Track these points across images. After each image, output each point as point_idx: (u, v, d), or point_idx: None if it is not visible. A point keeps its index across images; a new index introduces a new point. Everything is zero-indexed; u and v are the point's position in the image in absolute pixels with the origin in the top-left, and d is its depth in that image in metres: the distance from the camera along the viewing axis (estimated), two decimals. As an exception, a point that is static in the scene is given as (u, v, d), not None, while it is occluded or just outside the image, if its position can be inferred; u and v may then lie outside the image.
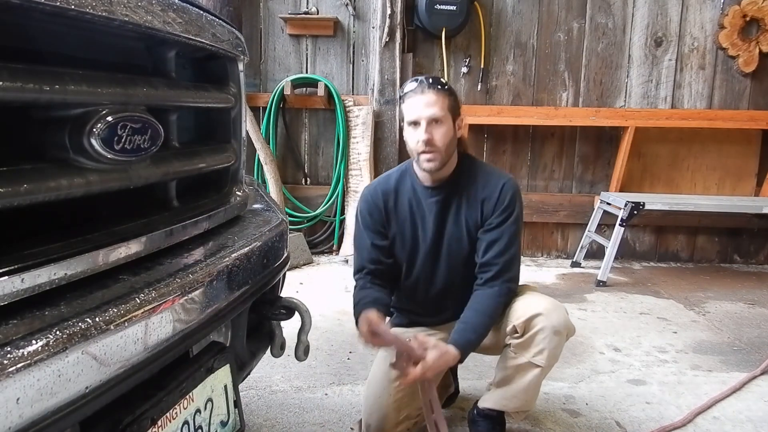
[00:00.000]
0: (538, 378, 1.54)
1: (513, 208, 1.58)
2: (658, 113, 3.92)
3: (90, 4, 0.69)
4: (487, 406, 1.62)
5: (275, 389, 2.01)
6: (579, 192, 4.08)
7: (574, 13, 3.90)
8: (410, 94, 1.53)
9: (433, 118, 1.50)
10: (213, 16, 1.04)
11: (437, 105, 1.50)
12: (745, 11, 3.78)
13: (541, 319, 1.49)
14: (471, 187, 1.59)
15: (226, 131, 1.16)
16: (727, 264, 4.13)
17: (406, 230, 1.63)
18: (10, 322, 0.59)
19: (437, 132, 1.50)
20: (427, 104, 1.50)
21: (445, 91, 1.53)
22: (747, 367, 2.30)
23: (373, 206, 1.64)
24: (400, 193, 1.64)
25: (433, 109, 1.49)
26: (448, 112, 1.52)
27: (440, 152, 1.51)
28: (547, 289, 3.36)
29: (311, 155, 4.07)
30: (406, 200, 1.63)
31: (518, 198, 1.60)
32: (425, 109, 1.49)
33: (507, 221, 1.57)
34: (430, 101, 1.50)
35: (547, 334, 1.49)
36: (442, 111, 1.50)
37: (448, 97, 1.53)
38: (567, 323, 1.53)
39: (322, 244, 4.06)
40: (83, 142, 0.71)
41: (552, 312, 1.51)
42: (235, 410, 1.01)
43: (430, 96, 1.50)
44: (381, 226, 1.64)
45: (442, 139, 1.51)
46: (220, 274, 0.90)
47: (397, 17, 3.71)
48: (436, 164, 1.53)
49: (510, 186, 1.59)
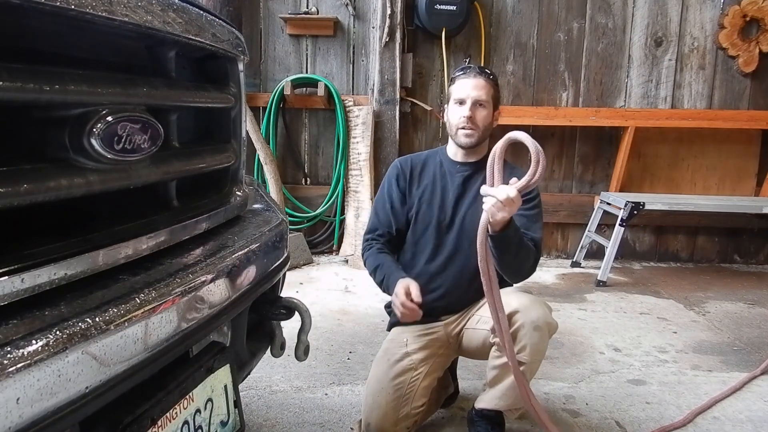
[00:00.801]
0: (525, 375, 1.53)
1: (536, 196, 1.68)
2: (658, 113, 3.92)
3: (90, 4, 0.69)
4: (482, 407, 1.63)
5: (275, 389, 2.01)
6: (579, 192, 4.08)
7: (574, 13, 3.90)
8: (462, 76, 1.68)
9: (478, 100, 1.64)
10: (213, 16, 1.04)
11: (484, 89, 1.65)
12: (745, 11, 3.78)
13: (519, 316, 1.50)
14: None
15: (226, 131, 1.16)
16: (727, 264, 4.13)
17: (425, 195, 1.73)
18: (10, 322, 0.59)
19: (479, 113, 1.65)
20: (475, 86, 1.65)
21: (492, 81, 1.68)
22: (747, 367, 2.30)
23: (400, 171, 1.76)
24: (427, 165, 1.77)
25: (479, 92, 1.65)
26: (491, 99, 1.67)
27: (478, 130, 1.66)
28: (547, 289, 3.37)
29: (311, 155, 4.07)
30: (431, 171, 1.76)
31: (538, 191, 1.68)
32: (473, 91, 1.65)
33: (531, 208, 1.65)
34: (478, 85, 1.65)
35: (527, 330, 1.50)
36: (487, 96, 1.66)
37: (493, 87, 1.68)
38: (546, 318, 1.53)
39: (322, 244, 4.06)
40: (83, 142, 0.71)
41: (530, 308, 1.52)
42: (235, 410, 1.01)
43: (479, 81, 1.66)
44: (403, 192, 1.74)
45: (482, 120, 1.66)
46: (220, 274, 0.90)
47: (397, 17, 3.71)
48: (473, 140, 1.66)
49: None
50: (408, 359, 1.64)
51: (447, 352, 1.73)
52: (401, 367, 1.63)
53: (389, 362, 1.65)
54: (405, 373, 1.62)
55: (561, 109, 3.92)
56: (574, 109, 3.93)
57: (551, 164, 4.06)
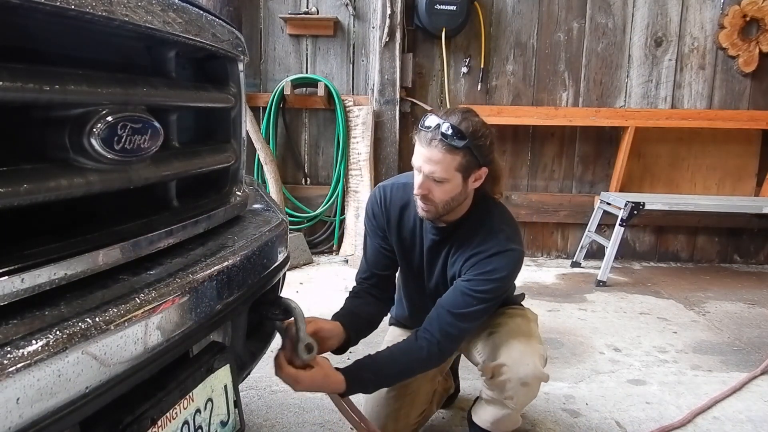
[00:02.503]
0: (513, 415, 1.47)
1: (492, 281, 1.35)
2: (658, 113, 3.92)
3: (90, 4, 0.69)
4: (477, 423, 1.55)
5: (275, 389, 2.01)
6: (579, 192, 4.08)
7: (574, 13, 3.90)
8: (420, 135, 1.33)
9: (431, 177, 1.31)
10: (213, 16, 1.04)
11: (441, 165, 1.29)
12: (745, 11, 3.78)
13: (506, 370, 1.40)
14: (467, 240, 1.42)
15: (226, 131, 1.16)
16: (727, 264, 4.13)
17: (405, 249, 1.54)
18: (10, 322, 0.59)
19: (436, 190, 1.33)
20: (429, 160, 1.30)
21: (457, 149, 1.28)
22: (747, 367, 2.30)
23: (383, 215, 1.53)
24: (410, 210, 1.50)
25: (434, 167, 1.30)
26: (456, 172, 1.31)
27: (436, 207, 1.36)
28: (547, 288, 3.37)
29: (311, 155, 4.07)
30: (412, 220, 1.50)
31: (506, 274, 1.37)
32: (425, 164, 1.31)
33: (478, 292, 1.35)
34: (433, 158, 1.29)
35: (514, 385, 1.40)
36: (445, 173, 1.30)
37: (460, 157, 1.29)
38: (536, 373, 1.40)
39: (322, 244, 4.06)
40: (83, 142, 0.71)
41: (519, 363, 1.39)
42: (235, 410, 1.01)
43: (434, 153, 1.29)
44: (384, 233, 1.56)
45: (441, 196, 1.34)
46: (220, 274, 0.90)
47: (397, 17, 3.71)
48: (430, 216, 1.39)
49: (503, 257, 1.36)
50: None
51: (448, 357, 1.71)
52: None
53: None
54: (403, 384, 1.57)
55: (561, 109, 3.92)
56: (574, 109, 3.93)
57: (551, 164, 4.06)
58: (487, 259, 1.36)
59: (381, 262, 1.57)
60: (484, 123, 1.35)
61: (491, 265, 1.35)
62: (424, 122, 1.32)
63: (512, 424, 1.51)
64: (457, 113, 1.32)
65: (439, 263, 1.49)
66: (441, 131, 1.28)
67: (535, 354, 1.43)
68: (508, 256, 1.36)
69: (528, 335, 1.48)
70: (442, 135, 1.28)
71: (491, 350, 1.46)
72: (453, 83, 3.94)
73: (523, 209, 4.02)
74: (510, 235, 1.41)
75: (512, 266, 1.38)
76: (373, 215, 1.56)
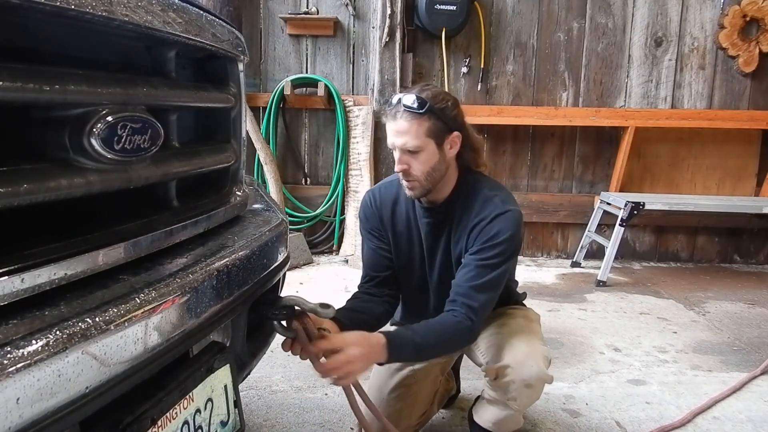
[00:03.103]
0: (516, 415, 1.47)
1: (499, 244, 1.37)
2: (658, 113, 3.92)
3: (90, 4, 0.69)
4: (478, 423, 1.55)
5: (275, 389, 2.01)
6: (579, 192, 4.08)
7: (574, 13, 3.90)
8: (387, 114, 1.38)
9: (404, 148, 1.35)
10: (213, 16, 1.04)
11: (410, 133, 1.32)
12: (745, 11, 3.78)
13: (510, 372, 1.39)
14: (465, 213, 1.43)
15: (226, 131, 1.16)
16: (727, 264, 4.13)
17: (401, 244, 1.53)
18: (10, 322, 0.59)
19: (414, 161, 1.35)
20: (397, 132, 1.34)
21: (422, 114, 1.32)
22: (747, 367, 2.30)
23: (375, 215, 1.55)
24: (400, 204, 1.52)
25: (404, 138, 1.33)
26: (428, 138, 1.34)
27: (419, 181, 1.37)
28: (547, 288, 3.37)
29: (311, 155, 4.07)
30: (405, 213, 1.52)
31: (511, 234, 1.38)
32: (396, 138, 1.35)
33: (489, 258, 1.37)
34: (401, 129, 1.33)
35: (518, 386, 1.39)
36: (416, 139, 1.33)
37: (426, 121, 1.33)
38: (540, 375, 1.39)
39: (322, 244, 4.06)
40: (83, 142, 0.71)
41: (523, 365, 1.38)
42: (235, 410, 1.01)
43: (401, 124, 1.33)
44: (381, 237, 1.55)
45: (420, 167, 1.35)
46: (220, 274, 0.90)
47: (397, 17, 3.71)
48: (417, 192, 1.40)
49: (504, 219, 1.38)
50: (409, 369, 1.58)
51: (450, 358, 1.70)
52: (401, 377, 1.58)
53: (389, 371, 1.58)
54: (405, 385, 1.57)
55: (561, 109, 3.92)
56: (574, 109, 3.93)
57: (551, 164, 4.07)
58: (489, 225, 1.38)
59: (380, 263, 1.56)
60: (444, 91, 1.41)
61: (495, 229, 1.37)
62: (387, 102, 1.39)
63: (514, 424, 1.51)
64: (417, 87, 1.39)
65: (440, 248, 1.48)
66: (402, 103, 1.33)
67: (538, 355, 1.42)
68: (508, 217, 1.39)
69: (531, 336, 1.48)
70: (404, 106, 1.33)
71: (495, 351, 1.45)
72: (453, 83, 3.94)
73: (523, 209, 3.92)
74: (504, 198, 1.43)
75: (515, 225, 1.39)
76: (366, 218, 1.57)
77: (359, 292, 1.56)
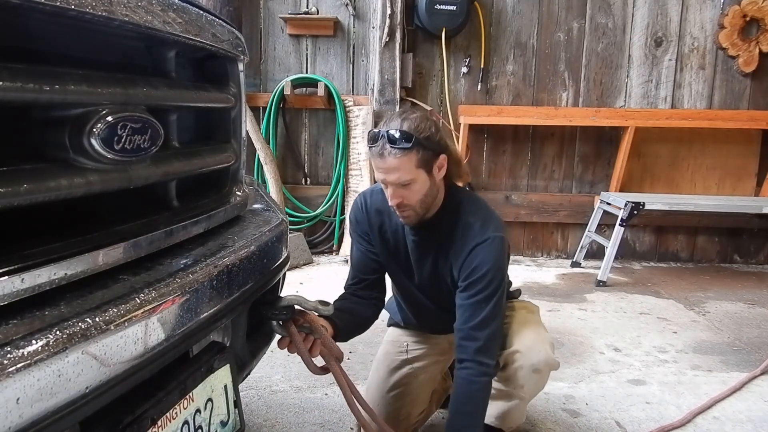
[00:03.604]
0: (521, 405, 1.49)
1: (483, 276, 1.36)
2: (658, 113, 3.91)
3: (90, 4, 0.69)
4: None
5: (275, 389, 2.01)
6: (579, 192, 4.08)
7: (574, 13, 3.90)
8: (372, 152, 1.35)
9: (397, 183, 1.33)
10: (213, 16, 1.04)
11: (401, 170, 1.31)
12: (745, 11, 3.78)
13: (519, 357, 1.42)
14: (449, 235, 1.43)
15: (226, 131, 1.16)
16: (727, 264, 4.13)
17: (389, 252, 1.54)
18: (10, 322, 0.59)
19: (407, 193, 1.35)
20: (387, 170, 1.33)
21: (409, 149, 1.30)
22: (747, 367, 2.30)
23: (365, 221, 1.55)
24: (389, 213, 1.50)
25: (395, 174, 1.32)
26: (418, 169, 1.33)
27: (414, 209, 1.38)
28: (547, 288, 3.37)
29: (311, 155, 4.07)
30: (394, 224, 1.51)
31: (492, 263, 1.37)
32: (387, 175, 1.33)
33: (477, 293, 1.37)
34: (391, 167, 1.32)
35: (526, 372, 1.42)
36: (408, 174, 1.32)
37: (415, 155, 1.31)
38: (548, 360, 1.43)
39: (322, 244, 4.06)
40: (83, 142, 0.71)
41: (531, 350, 1.42)
42: (235, 410, 1.01)
43: (390, 161, 1.31)
44: (369, 242, 1.56)
45: (414, 197, 1.35)
46: (220, 274, 0.90)
47: (397, 17, 3.71)
48: (412, 220, 1.40)
49: (484, 248, 1.37)
50: (408, 367, 1.60)
51: (449, 357, 1.71)
52: (400, 375, 1.60)
53: (388, 369, 1.61)
54: (404, 383, 1.59)
55: (561, 109, 3.92)
56: (574, 109, 3.93)
57: (551, 164, 4.07)
58: (470, 257, 1.38)
59: (368, 266, 1.56)
60: (423, 115, 1.38)
61: (475, 261, 1.37)
62: (370, 139, 1.35)
63: (519, 416, 1.52)
64: (395, 117, 1.36)
65: (428, 263, 1.48)
66: (387, 140, 1.31)
67: (546, 341, 1.45)
68: (487, 246, 1.38)
69: (536, 325, 1.51)
70: (390, 143, 1.30)
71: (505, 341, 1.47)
72: (453, 83, 3.94)
73: (523, 209, 4.02)
74: (484, 222, 1.42)
75: (495, 252, 1.38)
76: (356, 221, 1.57)
77: (347, 293, 1.57)
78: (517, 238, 4.11)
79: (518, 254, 4.12)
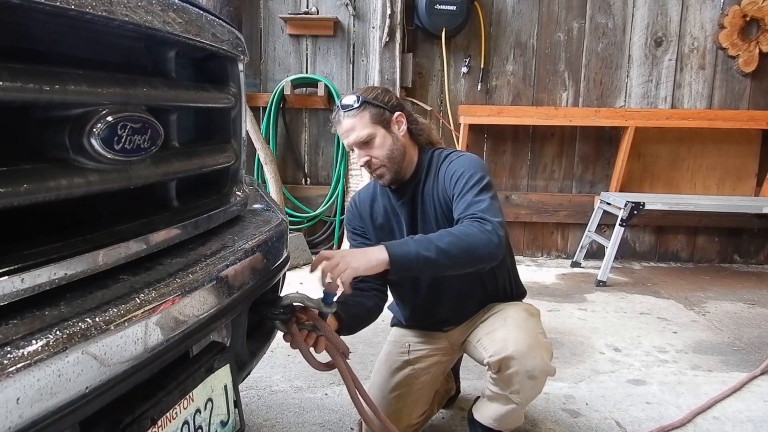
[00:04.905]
0: (518, 409, 1.47)
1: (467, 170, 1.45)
2: (658, 113, 3.92)
3: (90, 4, 0.69)
4: (479, 420, 1.55)
5: (275, 389, 2.01)
6: (579, 192, 4.08)
7: (574, 13, 3.90)
8: (333, 125, 1.53)
9: (357, 142, 1.48)
10: (213, 16, 1.04)
11: (356, 127, 1.47)
12: (745, 11, 3.78)
13: (514, 363, 1.39)
14: (434, 180, 1.53)
15: (226, 131, 1.16)
16: (727, 264, 4.13)
17: (387, 233, 1.60)
18: (10, 322, 0.59)
19: (371, 150, 1.49)
20: (346, 132, 1.49)
21: (358, 108, 1.47)
22: (747, 367, 2.30)
23: (356, 215, 1.66)
24: (378, 201, 1.63)
25: (353, 133, 1.48)
26: (374, 125, 1.48)
27: (385, 164, 1.50)
28: (547, 289, 3.37)
29: (311, 155, 4.07)
30: (382, 207, 1.62)
31: (472, 159, 1.49)
32: (347, 137, 1.49)
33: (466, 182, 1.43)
34: (347, 127, 1.48)
35: (522, 378, 1.40)
36: (363, 129, 1.48)
37: (364, 112, 1.48)
38: (543, 366, 1.41)
39: (322, 244, 4.06)
40: (83, 142, 0.71)
41: (526, 355, 1.40)
42: (235, 410, 1.01)
43: (345, 123, 1.49)
44: (364, 234, 1.64)
45: (378, 152, 1.49)
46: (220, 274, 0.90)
47: (397, 17, 3.71)
48: (388, 177, 1.52)
49: (460, 156, 1.51)
50: (410, 368, 1.60)
51: (451, 358, 1.71)
52: (402, 376, 1.60)
53: (390, 370, 1.61)
54: (405, 384, 1.59)
55: (561, 109, 3.92)
56: (574, 109, 3.93)
57: (551, 164, 4.07)
58: (450, 166, 1.49)
59: None
60: (374, 86, 1.58)
61: (455, 165, 1.48)
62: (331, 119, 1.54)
63: (516, 420, 1.51)
64: (350, 92, 1.55)
65: (419, 217, 1.54)
66: (340, 107, 1.50)
67: (542, 347, 1.44)
68: (463, 154, 1.52)
69: (534, 329, 1.49)
70: (343, 108, 1.49)
71: (498, 345, 1.45)
72: (453, 83, 3.94)
73: (523, 209, 4.02)
74: (454, 152, 1.56)
75: (469, 158, 1.50)
76: (348, 220, 1.69)
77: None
78: (517, 238, 4.11)
79: (518, 254, 4.12)
